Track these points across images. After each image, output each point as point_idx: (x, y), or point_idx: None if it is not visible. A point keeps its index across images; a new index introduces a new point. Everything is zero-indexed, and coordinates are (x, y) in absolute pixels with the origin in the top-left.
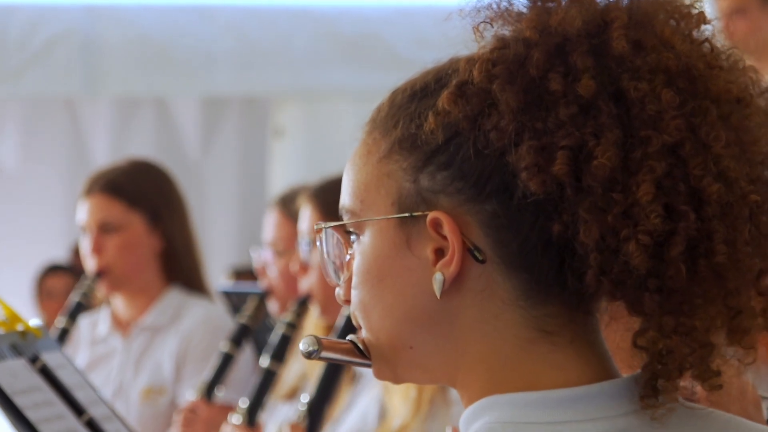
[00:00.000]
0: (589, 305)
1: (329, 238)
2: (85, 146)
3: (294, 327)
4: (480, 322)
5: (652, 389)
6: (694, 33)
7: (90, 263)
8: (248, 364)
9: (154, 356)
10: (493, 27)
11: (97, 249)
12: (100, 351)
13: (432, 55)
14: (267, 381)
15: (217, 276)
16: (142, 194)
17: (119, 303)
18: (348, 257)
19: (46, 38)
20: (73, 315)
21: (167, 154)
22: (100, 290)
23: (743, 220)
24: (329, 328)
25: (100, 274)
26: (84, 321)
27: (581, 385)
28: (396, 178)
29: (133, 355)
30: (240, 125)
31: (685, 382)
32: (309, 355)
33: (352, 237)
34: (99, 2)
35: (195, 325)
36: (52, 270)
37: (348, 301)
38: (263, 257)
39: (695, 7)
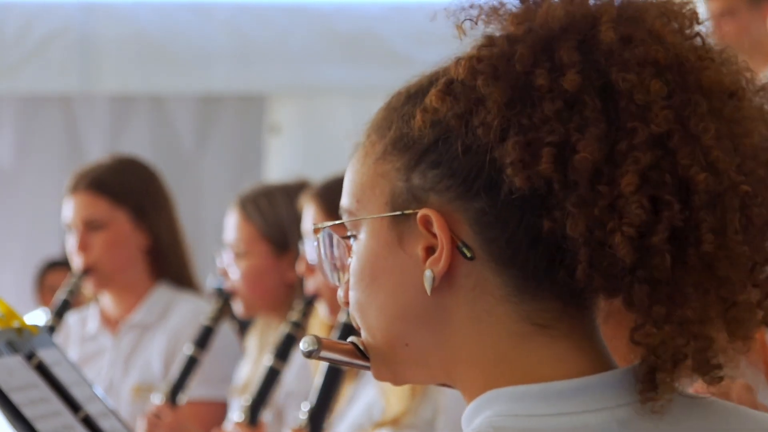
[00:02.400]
0: (582, 299)
1: (327, 238)
2: (81, 143)
3: (299, 326)
4: (473, 319)
5: (650, 383)
6: (686, 29)
7: (76, 261)
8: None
9: (143, 354)
10: (478, 25)
11: (83, 246)
12: (89, 349)
13: (428, 51)
14: (270, 379)
15: (211, 272)
16: (127, 191)
17: (107, 301)
18: (349, 261)
19: (42, 35)
20: (60, 313)
21: (163, 150)
22: (88, 288)
23: (733, 210)
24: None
25: (87, 271)
26: (73, 318)
27: (580, 376)
28: (390, 178)
29: (123, 353)
30: (236, 122)
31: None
32: (309, 354)
33: (349, 236)
34: None
35: (184, 322)
36: (52, 266)
37: (348, 303)
38: (225, 259)
39: (687, 7)
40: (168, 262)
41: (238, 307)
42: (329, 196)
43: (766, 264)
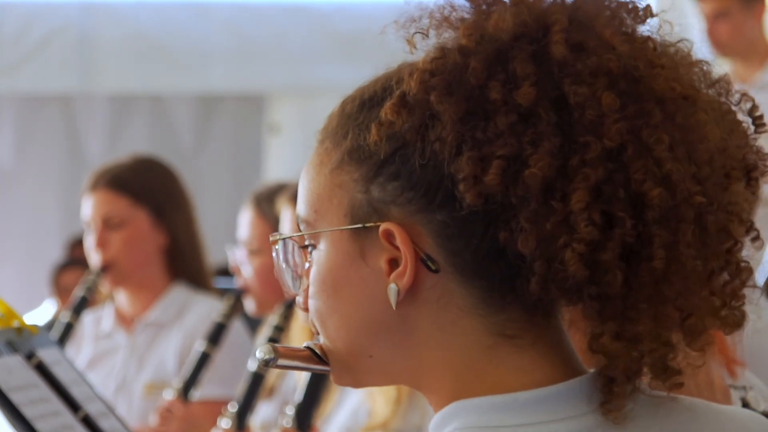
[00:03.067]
0: (548, 308)
1: (287, 247)
2: (81, 142)
3: (281, 330)
4: (438, 331)
5: (609, 393)
6: (639, 30)
7: (94, 258)
8: (237, 359)
9: (157, 352)
10: (429, 37)
11: (102, 244)
12: (103, 346)
13: (427, 51)
14: (255, 384)
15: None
16: (147, 190)
17: (123, 299)
18: (307, 265)
19: (42, 35)
20: (78, 310)
21: (162, 150)
22: (104, 285)
23: (687, 223)
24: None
25: (105, 268)
26: (88, 317)
27: (547, 385)
28: (348, 189)
29: (137, 351)
30: (235, 121)
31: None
32: (266, 363)
33: (308, 246)
34: None
35: (199, 322)
36: (66, 266)
37: (306, 309)
38: (237, 256)
39: (640, 4)
40: (185, 262)
41: (250, 305)
42: None
43: (724, 270)
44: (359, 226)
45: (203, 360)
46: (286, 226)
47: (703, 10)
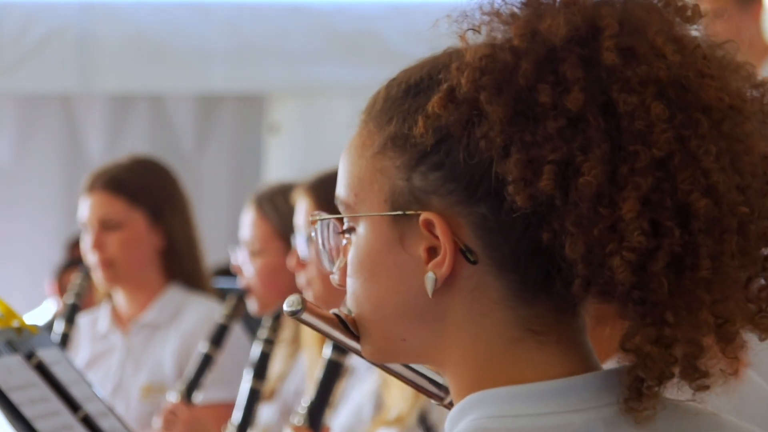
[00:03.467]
0: (576, 307)
1: (324, 227)
2: (81, 142)
3: (271, 342)
4: (469, 321)
5: (635, 391)
6: (687, 34)
7: (91, 259)
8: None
9: (154, 353)
10: (481, 32)
11: (98, 245)
12: (100, 347)
13: (427, 50)
14: (252, 400)
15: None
16: (144, 192)
17: (120, 299)
18: (345, 242)
19: (41, 34)
20: (70, 318)
21: (162, 150)
22: (101, 284)
23: (731, 233)
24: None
25: (101, 266)
26: (84, 319)
27: (567, 377)
28: (389, 175)
29: (133, 352)
30: (235, 121)
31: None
32: (291, 314)
33: (347, 227)
34: None
35: (197, 323)
36: (69, 266)
37: (343, 285)
38: (239, 256)
39: (689, 9)
40: (181, 264)
41: (252, 305)
42: (323, 190)
43: (759, 275)
44: (400, 213)
45: (206, 362)
46: (300, 217)
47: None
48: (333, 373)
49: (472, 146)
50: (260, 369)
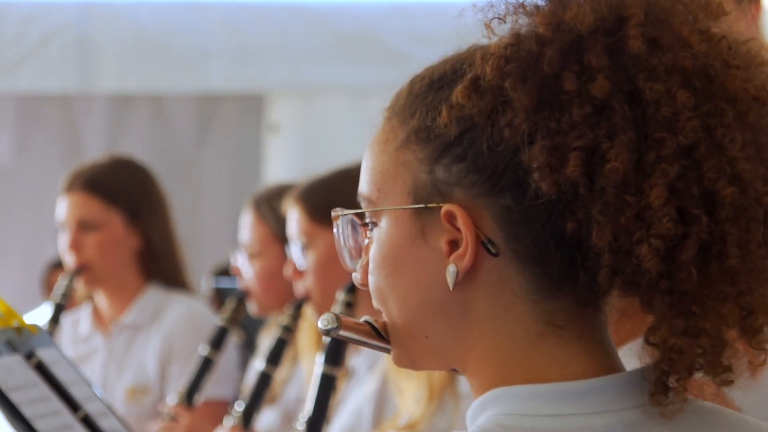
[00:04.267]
0: (598, 301)
1: (346, 224)
2: (80, 142)
3: (290, 330)
4: (491, 315)
5: (662, 386)
6: (713, 27)
7: (68, 260)
8: (233, 360)
9: (137, 355)
10: (506, 22)
11: (75, 246)
12: (82, 350)
13: (427, 50)
14: (263, 384)
15: (211, 271)
16: (122, 192)
17: (101, 300)
18: (366, 241)
19: (41, 34)
20: (55, 318)
21: (162, 149)
22: (80, 287)
23: (757, 222)
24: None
25: (79, 270)
26: (65, 319)
27: (588, 378)
28: (412, 168)
29: (116, 355)
30: (235, 121)
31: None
32: (327, 333)
33: (369, 223)
34: None
35: (178, 322)
36: (57, 266)
37: (365, 285)
38: (239, 259)
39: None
40: (159, 264)
41: (252, 307)
42: (312, 198)
43: None
44: (422, 206)
45: (206, 365)
46: (292, 227)
47: None
48: (327, 386)
49: (496, 135)
50: (274, 355)
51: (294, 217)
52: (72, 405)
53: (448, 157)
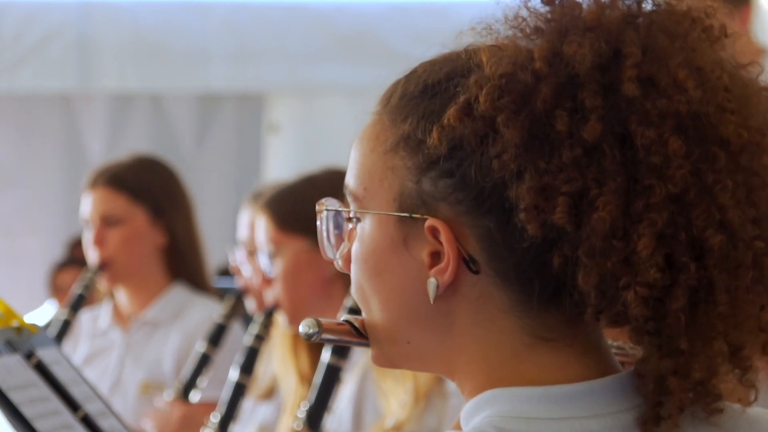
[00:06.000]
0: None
1: (330, 217)
2: (80, 142)
3: (261, 339)
4: (476, 326)
5: (654, 417)
6: (711, 62)
7: (92, 255)
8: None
9: (154, 351)
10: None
11: (100, 241)
12: (99, 344)
13: (427, 50)
14: (237, 394)
15: (211, 272)
16: (146, 188)
17: (122, 296)
18: (350, 227)
19: (41, 34)
20: (75, 307)
21: (162, 149)
22: (102, 283)
23: (746, 268)
24: (296, 337)
25: (102, 266)
26: (85, 315)
27: (584, 381)
28: (400, 174)
29: (133, 349)
30: (234, 121)
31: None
32: (309, 338)
33: (353, 218)
34: None
35: (199, 324)
36: (64, 265)
37: (347, 270)
38: (238, 256)
39: (715, 27)
40: (185, 262)
41: (251, 305)
42: (280, 206)
43: None
44: (406, 215)
45: (203, 361)
46: (260, 235)
47: None
48: (332, 377)
49: (485, 164)
50: (247, 364)
51: (261, 225)
52: (72, 405)
53: (435, 170)
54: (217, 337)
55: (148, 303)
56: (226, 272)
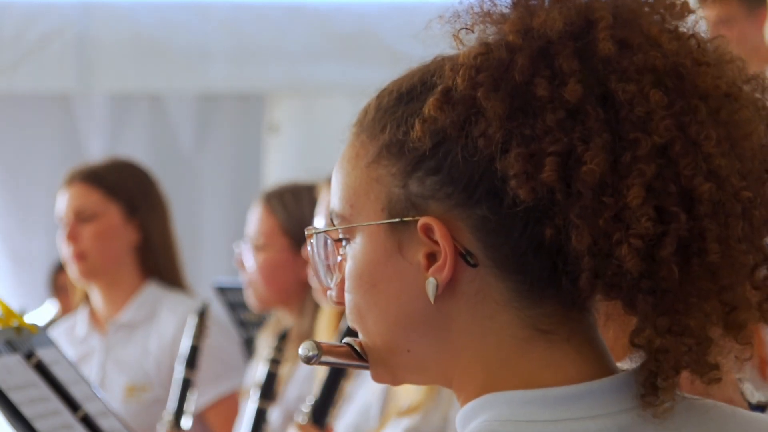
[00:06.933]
0: (584, 303)
1: (320, 241)
2: (80, 142)
3: (277, 362)
4: (474, 325)
5: (651, 387)
6: (680, 26)
7: (65, 251)
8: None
9: (134, 353)
10: (474, 32)
11: (72, 236)
12: (80, 351)
13: (427, 50)
14: (259, 420)
15: (211, 272)
16: (121, 186)
17: (97, 299)
18: (339, 258)
19: (41, 34)
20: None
21: (162, 149)
22: (76, 280)
23: (736, 217)
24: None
25: (75, 260)
26: (60, 327)
27: (581, 381)
28: (385, 183)
29: (113, 353)
30: (234, 121)
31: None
32: (308, 360)
33: (343, 240)
34: None
35: (175, 320)
36: (64, 266)
37: (340, 303)
38: (242, 251)
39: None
40: (158, 261)
41: (251, 301)
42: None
43: (764, 263)
44: (397, 220)
45: (185, 386)
46: (323, 210)
47: (707, 16)
48: (338, 373)
49: (470, 146)
50: (267, 389)
51: (324, 201)
52: (72, 405)
53: (421, 170)
54: (192, 360)
55: (122, 304)
56: (225, 272)
